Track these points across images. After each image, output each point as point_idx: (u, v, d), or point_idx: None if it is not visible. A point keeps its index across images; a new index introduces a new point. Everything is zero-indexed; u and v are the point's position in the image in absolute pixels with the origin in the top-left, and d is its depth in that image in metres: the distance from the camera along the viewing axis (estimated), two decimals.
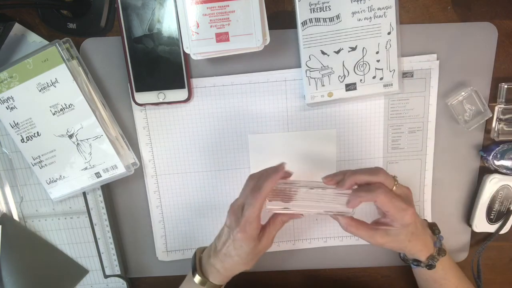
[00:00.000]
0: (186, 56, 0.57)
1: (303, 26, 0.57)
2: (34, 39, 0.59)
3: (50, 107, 0.56)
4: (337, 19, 0.56)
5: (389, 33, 0.57)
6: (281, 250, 0.68)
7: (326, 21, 0.56)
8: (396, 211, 0.50)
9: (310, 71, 0.58)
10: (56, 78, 0.55)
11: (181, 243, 0.67)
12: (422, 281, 0.61)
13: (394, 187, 0.52)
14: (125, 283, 0.68)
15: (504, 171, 0.61)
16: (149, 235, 0.67)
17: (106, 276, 0.68)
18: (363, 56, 0.58)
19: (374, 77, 0.58)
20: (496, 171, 0.62)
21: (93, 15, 0.57)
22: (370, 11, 0.56)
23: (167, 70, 0.58)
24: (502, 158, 0.60)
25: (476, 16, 0.58)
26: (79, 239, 0.67)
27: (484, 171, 0.64)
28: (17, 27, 0.58)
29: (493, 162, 0.61)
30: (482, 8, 0.58)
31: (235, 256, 0.53)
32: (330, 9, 0.56)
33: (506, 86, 0.59)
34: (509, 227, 0.65)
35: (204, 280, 0.54)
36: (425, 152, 0.63)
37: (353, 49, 0.57)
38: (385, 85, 0.59)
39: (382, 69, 0.58)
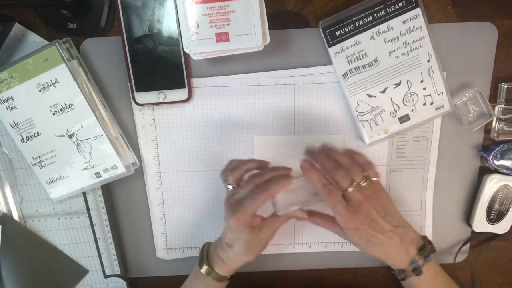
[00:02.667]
0: (186, 55, 0.57)
1: (344, 78, 0.58)
2: (34, 39, 0.59)
3: (50, 107, 0.56)
4: (376, 62, 0.57)
5: (428, 61, 0.57)
6: (281, 253, 0.68)
7: (365, 67, 0.57)
8: (337, 215, 0.51)
9: (361, 115, 0.59)
10: (56, 78, 0.55)
11: (181, 241, 0.67)
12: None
13: (351, 189, 0.50)
14: (125, 283, 0.68)
15: (504, 171, 0.61)
16: (149, 235, 0.67)
17: (106, 276, 0.68)
18: (409, 88, 0.58)
19: (424, 104, 0.59)
20: (496, 171, 0.62)
21: (93, 15, 0.57)
22: (405, 46, 0.57)
23: (167, 70, 0.58)
24: (502, 158, 0.60)
25: (476, 16, 0.58)
26: (79, 239, 0.67)
27: (484, 171, 0.64)
28: (17, 27, 0.58)
29: (493, 162, 0.61)
30: (482, 8, 0.58)
31: (236, 246, 0.54)
32: (366, 56, 0.57)
33: (506, 86, 0.59)
34: (509, 227, 0.65)
35: (209, 270, 0.56)
36: (428, 162, 0.64)
37: (398, 84, 0.58)
38: (437, 108, 0.59)
39: (430, 94, 0.58)
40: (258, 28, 0.50)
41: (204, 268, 0.56)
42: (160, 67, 0.57)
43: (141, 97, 0.59)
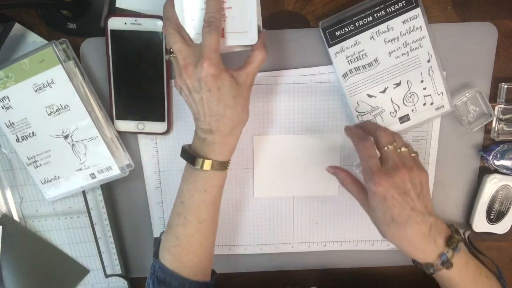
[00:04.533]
0: (170, 89, 0.58)
1: (344, 78, 0.58)
2: (34, 39, 0.59)
3: (46, 107, 0.56)
4: (376, 62, 0.57)
5: (428, 61, 0.57)
6: (280, 253, 0.68)
7: (365, 67, 0.57)
8: (367, 172, 0.46)
9: (361, 115, 0.59)
10: (52, 79, 0.55)
11: None
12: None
13: (391, 146, 0.46)
14: (126, 282, 0.68)
15: (504, 171, 0.61)
16: (150, 234, 0.67)
17: (107, 276, 0.68)
18: (409, 88, 0.58)
19: (424, 104, 0.59)
20: (496, 171, 0.62)
21: (93, 15, 0.57)
22: (406, 46, 0.57)
23: (147, 101, 0.59)
24: (502, 158, 0.60)
25: (476, 16, 0.58)
26: (79, 239, 0.67)
27: (484, 171, 0.63)
28: (17, 27, 0.58)
29: (493, 162, 0.61)
30: (482, 8, 0.58)
31: (222, 107, 0.47)
32: (366, 56, 0.57)
33: (506, 86, 0.59)
34: (509, 227, 0.65)
35: (206, 161, 0.48)
36: (427, 162, 0.63)
37: (398, 84, 0.58)
38: (437, 108, 0.59)
39: (430, 95, 0.58)
40: (254, 26, 0.49)
41: (208, 163, 0.48)
42: (141, 97, 0.59)
43: (120, 125, 0.60)
